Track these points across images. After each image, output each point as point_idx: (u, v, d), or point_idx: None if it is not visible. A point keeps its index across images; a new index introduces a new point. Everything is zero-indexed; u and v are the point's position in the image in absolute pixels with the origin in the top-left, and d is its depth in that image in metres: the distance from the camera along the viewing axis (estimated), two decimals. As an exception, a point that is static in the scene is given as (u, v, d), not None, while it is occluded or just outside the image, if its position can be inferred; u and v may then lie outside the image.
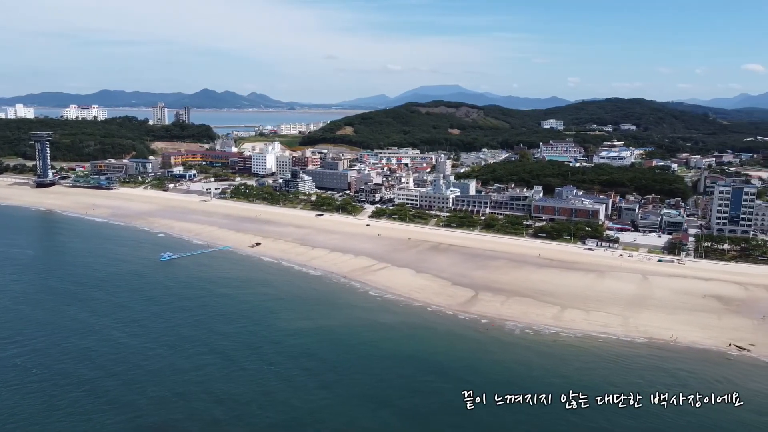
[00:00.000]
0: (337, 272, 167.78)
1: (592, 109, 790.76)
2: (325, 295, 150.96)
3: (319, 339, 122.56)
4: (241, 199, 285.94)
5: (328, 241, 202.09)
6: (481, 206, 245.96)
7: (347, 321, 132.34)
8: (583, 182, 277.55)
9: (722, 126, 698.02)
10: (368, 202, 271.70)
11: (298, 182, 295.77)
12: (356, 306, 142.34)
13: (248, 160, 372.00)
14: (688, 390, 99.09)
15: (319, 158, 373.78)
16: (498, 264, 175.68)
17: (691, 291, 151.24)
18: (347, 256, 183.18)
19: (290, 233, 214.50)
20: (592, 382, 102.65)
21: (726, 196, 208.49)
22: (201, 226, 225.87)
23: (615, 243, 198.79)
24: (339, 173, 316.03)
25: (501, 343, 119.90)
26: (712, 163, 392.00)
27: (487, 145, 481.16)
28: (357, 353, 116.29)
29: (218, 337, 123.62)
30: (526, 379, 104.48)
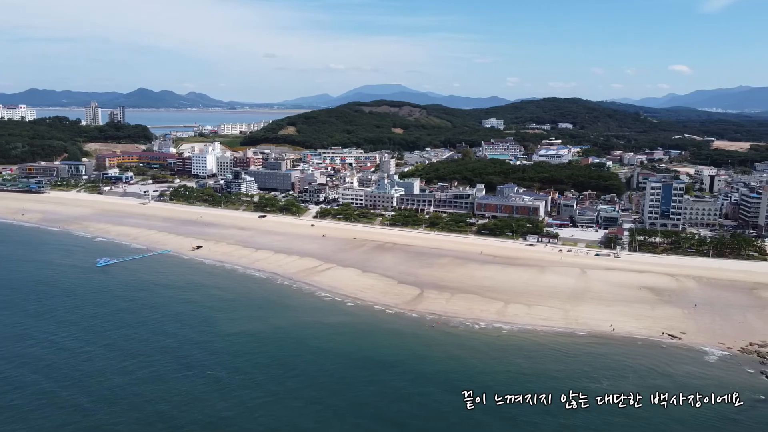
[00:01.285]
0: (282, 274, 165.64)
1: (531, 109, 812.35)
2: (269, 297, 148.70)
3: (263, 342, 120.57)
4: (180, 201, 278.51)
5: (272, 243, 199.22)
6: (425, 205, 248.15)
7: (292, 323, 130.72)
8: (523, 180, 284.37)
9: (653, 124, 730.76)
10: (312, 203, 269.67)
11: (240, 183, 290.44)
12: (302, 307, 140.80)
13: (188, 161, 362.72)
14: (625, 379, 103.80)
15: (261, 158, 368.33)
16: (443, 262, 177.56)
17: (627, 283, 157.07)
18: (292, 257, 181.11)
19: (233, 235, 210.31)
20: (535, 374, 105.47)
21: (657, 191, 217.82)
22: (139, 229, 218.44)
23: (555, 238, 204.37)
24: (282, 173, 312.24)
25: (447, 340, 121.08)
26: (644, 160, 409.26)
27: (430, 144, 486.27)
28: (302, 355, 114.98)
29: (158, 343, 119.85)
30: (470, 373, 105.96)
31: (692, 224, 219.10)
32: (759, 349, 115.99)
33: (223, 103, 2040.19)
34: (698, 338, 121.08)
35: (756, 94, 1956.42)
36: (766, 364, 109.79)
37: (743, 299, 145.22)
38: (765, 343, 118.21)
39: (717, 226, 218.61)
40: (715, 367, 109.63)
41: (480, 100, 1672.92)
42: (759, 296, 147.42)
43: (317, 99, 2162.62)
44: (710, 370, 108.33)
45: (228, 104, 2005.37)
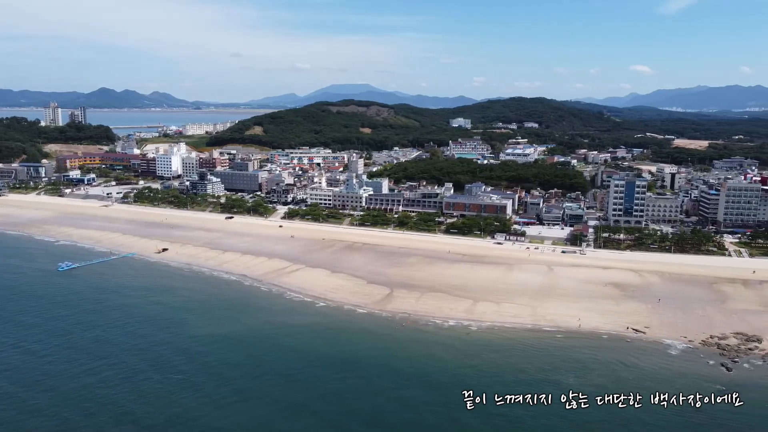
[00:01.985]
0: (250, 275, 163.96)
1: (498, 108, 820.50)
2: (238, 299, 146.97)
3: (231, 345, 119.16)
4: (145, 203, 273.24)
5: (239, 244, 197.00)
6: (394, 204, 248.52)
7: (262, 325, 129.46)
8: (491, 179, 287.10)
9: (616, 123, 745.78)
10: (280, 203, 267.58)
11: (206, 184, 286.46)
12: (271, 309, 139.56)
13: (152, 162, 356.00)
14: (592, 372, 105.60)
15: (227, 159, 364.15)
16: (412, 261, 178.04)
17: (593, 279, 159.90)
18: (260, 259, 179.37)
19: (199, 237, 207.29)
20: (503, 371, 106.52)
21: (620, 189, 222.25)
22: (102, 232, 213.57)
23: (522, 236, 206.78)
24: (249, 174, 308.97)
25: (417, 339, 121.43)
26: (607, 158, 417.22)
27: (398, 143, 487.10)
28: (271, 356, 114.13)
29: (124, 347, 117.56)
30: (440, 372, 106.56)
31: (654, 221, 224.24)
32: (719, 341, 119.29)
33: (188, 103, 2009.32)
34: (661, 332, 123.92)
35: (713, 93, 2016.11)
36: (726, 357, 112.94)
37: (704, 293, 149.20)
38: (725, 336, 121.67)
39: (678, 223, 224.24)
40: (677, 360, 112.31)
41: (447, 100, 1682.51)
42: (718, 290, 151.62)
43: (284, 99, 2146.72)
44: (673, 363, 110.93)
45: (193, 104, 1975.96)
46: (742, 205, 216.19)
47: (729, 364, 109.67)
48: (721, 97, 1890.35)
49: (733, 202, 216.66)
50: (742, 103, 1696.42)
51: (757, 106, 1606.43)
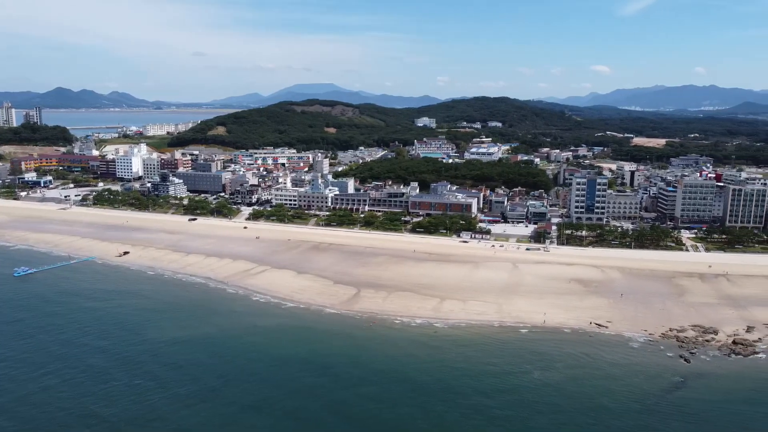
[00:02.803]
0: (215, 278, 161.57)
1: (462, 108, 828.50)
2: (202, 302, 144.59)
3: (197, 348, 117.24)
4: (105, 205, 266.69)
5: (203, 246, 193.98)
6: (360, 204, 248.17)
7: (227, 327, 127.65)
8: (456, 178, 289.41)
9: (577, 122, 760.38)
10: (245, 204, 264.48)
11: (168, 186, 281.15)
12: (236, 311, 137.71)
13: (111, 163, 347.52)
14: (556, 367, 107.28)
15: (190, 160, 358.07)
16: (379, 260, 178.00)
17: (556, 276, 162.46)
18: (225, 261, 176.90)
19: (162, 240, 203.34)
20: (470, 368, 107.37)
21: (582, 186, 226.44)
22: (60, 236, 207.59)
23: (487, 234, 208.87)
24: (212, 175, 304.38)
25: (384, 338, 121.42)
26: (569, 156, 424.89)
27: (363, 143, 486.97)
28: (237, 359, 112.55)
29: (86, 351, 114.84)
30: (407, 369, 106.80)
31: (615, 217, 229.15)
32: (678, 334, 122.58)
33: (148, 103, 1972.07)
34: (623, 326, 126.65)
35: (670, 93, 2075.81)
36: (685, 349, 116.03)
37: (663, 287, 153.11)
38: (683, 329, 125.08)
39: (638, 219, 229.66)
40: (638, 352, 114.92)
41: (412, 99, 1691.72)
42: (677, 284, 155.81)
43: (247, 98, 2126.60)
44: (634, 356, 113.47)
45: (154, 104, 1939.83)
46: (698, 201, 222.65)
47: (687, 355, 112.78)
48: (678, 96, 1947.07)
49: (689, 198, 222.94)
50: (697, 103, 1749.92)
51: (711, 105, 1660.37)
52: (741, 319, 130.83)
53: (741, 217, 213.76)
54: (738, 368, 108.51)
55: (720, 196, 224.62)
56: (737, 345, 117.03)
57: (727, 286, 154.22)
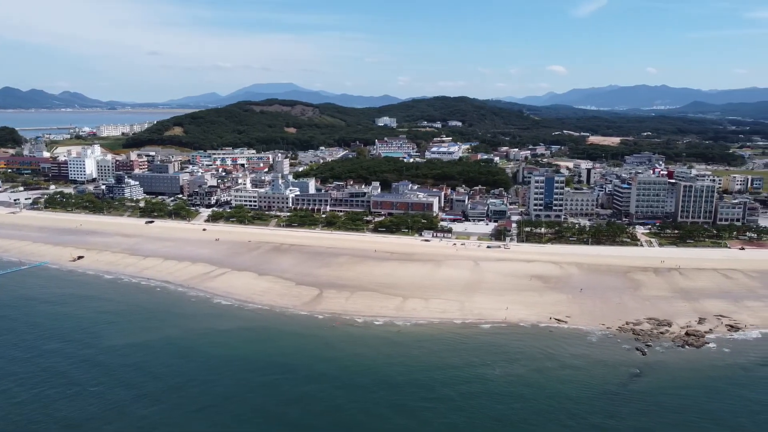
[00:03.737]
0: (173, 281, 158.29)
1: (422, 107, 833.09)
2: (160, 306, 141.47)
3: (154, 353, 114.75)
4: (57, 209, 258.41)
5: (161, 249, 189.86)
6: (321, 204, 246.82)
7: (186, 331, 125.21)
8: (417, 177, 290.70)
9: (535, 121, 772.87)
10: (204, 206, 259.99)
11: (124, 188, 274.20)
12: (196, 315, 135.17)
13: (64, 165, 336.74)
14: (517, 362, 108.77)
15: (146, 161, 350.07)
16: (341, 260, 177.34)
17: (517, 273, 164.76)
18: (183, 264, 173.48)
19: (118, 243, 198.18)
20: (432, 366, 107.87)
21: (540, 185, 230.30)
22: (10, 241, 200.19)
23: (449, 233, 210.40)
24: (170, 176, 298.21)
25: (348, 338, 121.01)
26: (528, 155, 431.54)
27: (324, 143, 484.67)
28: (197, 363, 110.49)
29: (37, 361, 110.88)
30: (370, 369, 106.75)
31: (573, 214, 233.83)
32: (634, 327, 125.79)
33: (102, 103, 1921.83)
34: (582, 321, 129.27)
35: (624, 92, 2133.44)
36: (641, 341, 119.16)
37: (619, 282, 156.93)
38: (639, 322, 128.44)
39: (594, 216, 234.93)
40: (596, 346, 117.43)
41: (372, 99, 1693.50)
42: (632, 278, 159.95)
43: (205, 98, 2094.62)
44: (592, 349, 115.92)
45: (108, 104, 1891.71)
46: (652, 198, 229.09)
47: (643, 348, 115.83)
48: (631, 95, 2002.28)
49: (643, 195, 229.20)
50: (650, 102, 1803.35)
51: (663, 104, 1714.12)
52: (693, 311, 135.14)
53: (692, 213, 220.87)
54: (691, 358, 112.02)
55: (672, 193, 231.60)
56: (690, 336, 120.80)
57: (679, 280, 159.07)
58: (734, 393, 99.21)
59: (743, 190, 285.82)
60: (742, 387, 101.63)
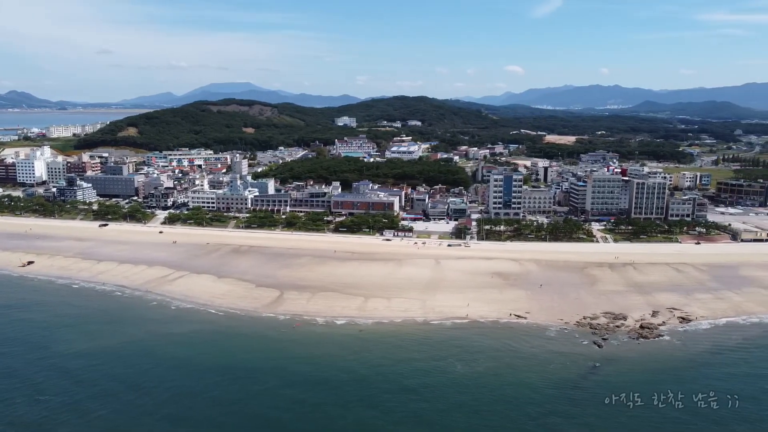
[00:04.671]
0: (129, 285, 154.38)
1: (382, 107, 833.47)
2: (116, 311, 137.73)
3: (109, 359, 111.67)
4: (5, 212, 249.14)
5: (116, 253, 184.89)
6: (281, 205, 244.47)
7: (143, 336, 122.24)
8: (377, 176, 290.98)
9: (493, 121, 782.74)
10: (160, 208, 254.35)
11: (76, 190, 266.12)
12: (153, 319, 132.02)
13: (11, 168, 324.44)
14: (478, 359, 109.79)
15: (99, 163, 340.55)
16: (302, 261, 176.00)
17: (478, 270, 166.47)
18: (140, 267, 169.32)
19: (70, 247, 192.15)
20: (394, 364, 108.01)
21: (499, 183, 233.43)
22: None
23: (410, 232, 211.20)
24: (124, 178, 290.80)
25: (309, 339, 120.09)
26: (486, 154, 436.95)
27: (283, 143, 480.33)
28: (154, 369, 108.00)
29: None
30: (332, 370, 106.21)
31: (531, 212, 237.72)
32: (591, 321, 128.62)
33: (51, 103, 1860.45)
34: (540, 316, 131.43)
35: (579, 92, 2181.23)
36: (598, 335, 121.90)
37: (576, 278, 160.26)
38: (596, 316, 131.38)
39: (552, 213, 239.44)
40: (555, 341, 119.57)
41: (332, 99, 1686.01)
42: (588, 274, 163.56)
43: (160, 98, 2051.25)
44: (551, 344, 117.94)
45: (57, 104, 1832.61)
46: (606, 194, 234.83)
47: (600, 341, 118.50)
48: (585, 95, 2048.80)
49: (598, 192, 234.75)
50: (603, 101, 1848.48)
51: (616, 104, 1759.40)
52: (647, 304, 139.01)
53: (644, 209, 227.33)
54: (645, 350, 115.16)
55: (625, 190, 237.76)
56: (644, 329, 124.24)
57: (634, 274, 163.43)
58: (686, 382, 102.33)
59: (692, 186, 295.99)
60: (693, 377, 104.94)
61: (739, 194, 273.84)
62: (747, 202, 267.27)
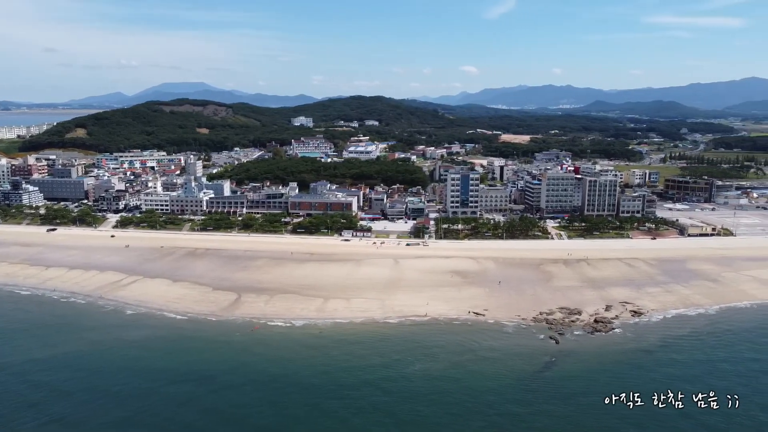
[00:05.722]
0: (81, 291, 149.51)
1: (339, 107, 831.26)
2: (65, 318, 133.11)
3: (60, 366, 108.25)
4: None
5: (66, 258, 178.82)
6: (237, 206, 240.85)
7: (95, 343, 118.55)
8: (335, 177, 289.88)
9: (449, 121, 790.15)
10: (111, 211, 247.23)
11: (22, 194, 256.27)
12: (105, 326, 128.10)
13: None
14: (436, 357, 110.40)
15: (46, 165, 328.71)
16: (259, 263, 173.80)
17: (436, 269, 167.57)
18: (91, 273, 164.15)
19: (16, 253, 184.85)
20: (354, 365, 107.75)
21: (456, 182, 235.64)
22: None
23: (368, 232, 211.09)
24: (73, 181, 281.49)
25: (268, 342, 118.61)
26: (443, 153, 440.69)
27: (238, 143, 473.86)
28: (106, 375, 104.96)
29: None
30: (291, 373, 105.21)
31: (488, 210, 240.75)
32: (547, 317, 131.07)
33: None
34: (499, 313, 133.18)
35: (533, 92, 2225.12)
36: (554, 330, 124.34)
37: (533, 274, 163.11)
38: (552, 312, 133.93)
39: (508, 211, 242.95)
40: (513, 337, 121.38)
41: (288, 99, 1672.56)
42: (544, 270, 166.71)
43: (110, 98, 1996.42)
44: (509, 340, 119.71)
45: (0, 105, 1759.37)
46: (560, 192, 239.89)
47: (556, 336, 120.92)
48: (539, 95, 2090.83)
49: (552, 190, 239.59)
50: (556, 101, 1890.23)
51: (569, 103, 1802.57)
52: (600, 299, 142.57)
53: (597, 206, 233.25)
54: (600, 344, 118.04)
55: (578, 188, 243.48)
56: (598, 323, 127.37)
57: (587, 270, 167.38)
58: (639, 373, 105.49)
59: (642, 183, 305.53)
60: (645, 368, 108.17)
61: (686, 191, 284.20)
62: (693, 198, 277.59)
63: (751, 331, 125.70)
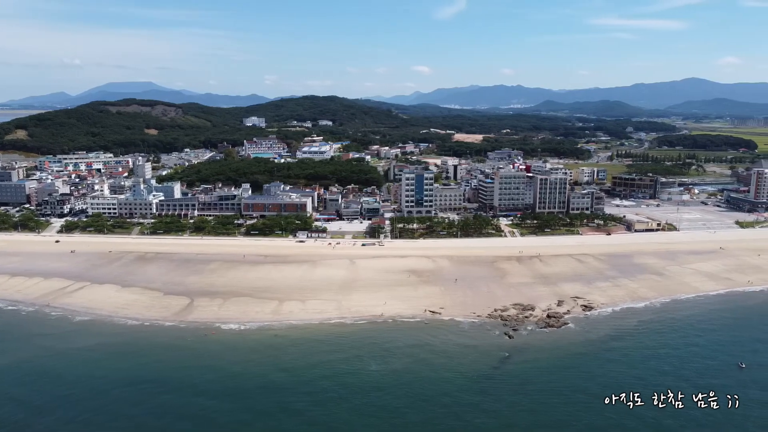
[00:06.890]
0: (23, 299, 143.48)
1: (291, 107, 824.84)
2: (9, 327, 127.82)
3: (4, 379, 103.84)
4: None
5: (7, 265, 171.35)
6: (188, 209, 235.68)
7: (38, 353, 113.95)
8: (289, 177, 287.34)
9: (403, 120, 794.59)
10: (56, 216, 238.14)
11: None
12: (50, 334, 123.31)
13: None
14: (393, 356, 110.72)
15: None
16: (212, 267, 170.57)
17: (392, 268, 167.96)
18: (35, 279, 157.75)
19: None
20: (309, 367, 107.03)
21: (411, 182, 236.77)
22: None
23: (324, 233, 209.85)
24: (13, 185, 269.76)
25: (222, 347, 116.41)
26: (398, 153, 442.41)
27: (189, 144, 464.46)
28: (51, 386, 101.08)
29: None
30: (245, 377, 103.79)
31: (442, 209, 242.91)
32: (501, 313, 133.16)
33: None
34: (454, 311, 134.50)
35: (485, 92, 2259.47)
36: (508, 326, 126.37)
37: (487, 272, 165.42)
38: (506, 308, 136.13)
39: (462, 210, 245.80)
40: (468, 334, 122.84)
41: (240, 98, 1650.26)
42: (498, 267, 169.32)
43: (53, 98, 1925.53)
44: (465, 336, 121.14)
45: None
46: (512, 191, 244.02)
47: (511, 332, 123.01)
48: (491, 95, 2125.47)
49: (505, 188, 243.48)
50: (507, 101, 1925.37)
51: (519, 103, 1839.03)
52: (553, 294, 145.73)
53: (548, 204, 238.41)
54: (552, 338, 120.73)
55: (530, 186, 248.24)
56: (551, 318, 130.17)
57: (540, 266, 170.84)
58: (590, 365, 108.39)
59: (591, 181, 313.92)
60: (596, 360, 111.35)
61: (632, 188, 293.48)
62: (639, 194, 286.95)
63: (694, 322, 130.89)
